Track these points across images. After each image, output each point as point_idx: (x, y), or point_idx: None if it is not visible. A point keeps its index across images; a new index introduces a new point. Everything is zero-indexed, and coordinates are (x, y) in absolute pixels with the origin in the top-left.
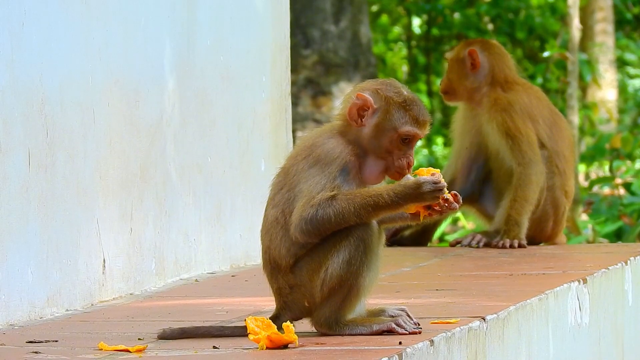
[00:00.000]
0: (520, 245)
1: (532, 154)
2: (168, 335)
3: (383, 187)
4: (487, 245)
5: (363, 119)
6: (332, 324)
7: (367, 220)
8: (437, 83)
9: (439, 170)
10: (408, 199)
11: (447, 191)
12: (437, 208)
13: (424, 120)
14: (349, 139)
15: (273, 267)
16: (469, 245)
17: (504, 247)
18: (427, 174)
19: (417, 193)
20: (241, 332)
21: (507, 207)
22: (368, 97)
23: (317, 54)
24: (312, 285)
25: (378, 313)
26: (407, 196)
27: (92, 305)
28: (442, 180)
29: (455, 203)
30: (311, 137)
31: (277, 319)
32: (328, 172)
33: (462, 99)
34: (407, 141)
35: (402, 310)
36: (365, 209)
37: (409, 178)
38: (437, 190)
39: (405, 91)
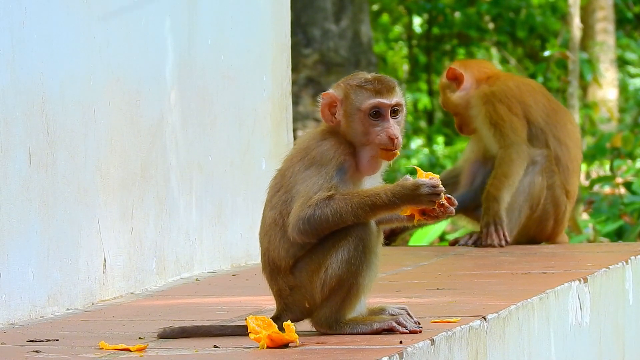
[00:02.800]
0: (503, 235)
1: (515, 136)
2: (168, 335)
3: (381, 187)
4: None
5: (335, 115)
6: (332, 324)
7: (365, 220)
8: (438, 82)
9: (437, 175)
10: (405, 200)
11: (443, 195)
12: (432, 214)
13: (384, 88)
14: (340, 139)
15: (272, 268)
16: (466, 244)
17: (488, 236)
18: (426, 178)
19: (414, 194)
20: (242, 331)
21: (487, 185)
22: (332, 93)
23: (318, 53)
24: (312, 286)
25: (378, 312)
26: (404, 197)
27: (92, 304)
28: (441, 185)
29: (451, 207)
30: (305, 140)
31: (277, 320)
32: (325, 173)
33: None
34: (376, 114)
35: (403, 309)
36: (363, 209)
37: (408, 179)
38: (434, 194)
39: (369, 75)
